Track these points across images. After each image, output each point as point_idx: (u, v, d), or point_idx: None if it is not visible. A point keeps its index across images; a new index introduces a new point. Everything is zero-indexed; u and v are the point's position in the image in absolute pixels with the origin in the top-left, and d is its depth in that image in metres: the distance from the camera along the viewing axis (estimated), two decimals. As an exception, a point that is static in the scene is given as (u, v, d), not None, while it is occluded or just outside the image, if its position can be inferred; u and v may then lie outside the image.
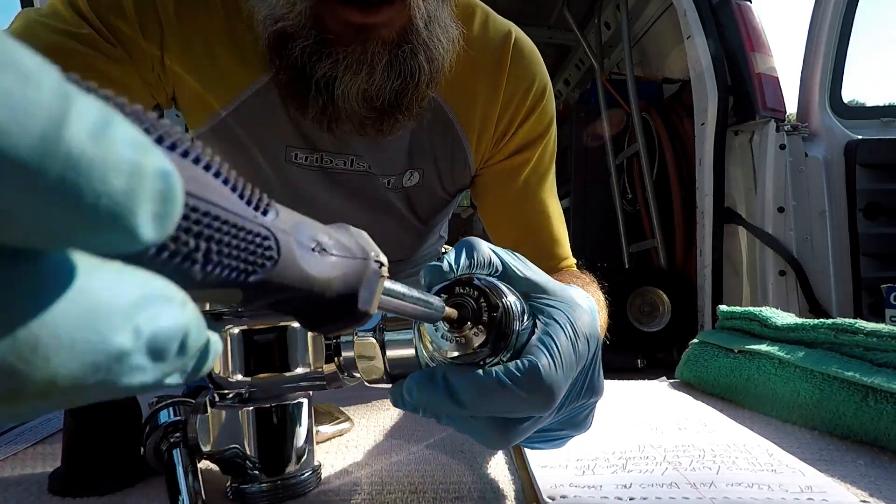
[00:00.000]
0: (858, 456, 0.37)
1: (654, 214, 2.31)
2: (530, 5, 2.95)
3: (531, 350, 0.24)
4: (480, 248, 0.26)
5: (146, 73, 0.51)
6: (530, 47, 0.62)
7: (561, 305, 0.26)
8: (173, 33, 0.51)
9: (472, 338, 0.24)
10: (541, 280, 0.27)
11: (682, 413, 0.44)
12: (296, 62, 0.46)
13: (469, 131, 0.61)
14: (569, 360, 0.24)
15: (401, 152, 0.60)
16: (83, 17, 0.48)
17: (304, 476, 0.32)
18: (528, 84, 0.61)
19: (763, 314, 0.53)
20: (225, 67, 0.53)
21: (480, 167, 0.64)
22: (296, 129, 0.56)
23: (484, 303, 0.24)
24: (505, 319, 0.24)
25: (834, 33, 1.78)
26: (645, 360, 2.21)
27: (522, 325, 0.24)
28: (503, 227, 0.65)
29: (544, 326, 0.25)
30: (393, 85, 0.47)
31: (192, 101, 0.54)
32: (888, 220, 1.75)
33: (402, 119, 0.51)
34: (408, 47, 0.47)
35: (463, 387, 0.23)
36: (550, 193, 0.65)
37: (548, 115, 0.63)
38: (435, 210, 0.68)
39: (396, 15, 0.45)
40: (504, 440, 0.25)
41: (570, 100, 3.42)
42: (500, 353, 0.24)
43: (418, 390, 0.24)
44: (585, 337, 0.26)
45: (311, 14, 0.44)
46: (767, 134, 1.77)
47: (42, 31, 0.48)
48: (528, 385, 0.23)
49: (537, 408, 0.24)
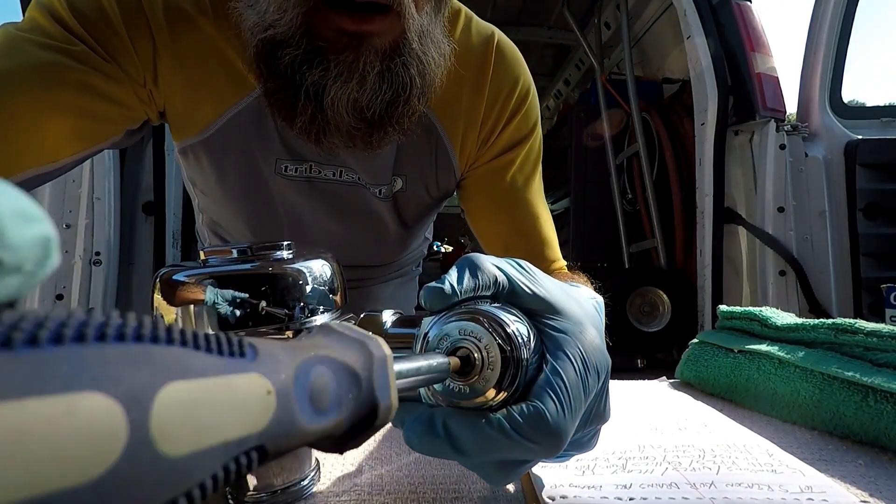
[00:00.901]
0: (858, 456, 0.37)
1: (654, 214, 2.31)
2: (530, 5, 2.95)
3: (538, 393, 0.23)
4: (484, 266, 0.25)
5: (139, 88, 0.51)
6: (512, 50, 0.62)
7: (570, 328, 0.25)
8: (165, 47, 0.50)
9: (477, 387, 0.23)
10: (548, 296, 0.25)
11: (682, 413, 0.44)
12: (285, 70, 0.44)
13: (453, 136, 0.60)
14: (577, 401, 0.23)
15: (389, 162, 0.60)
16: (71, 32, 0.46)
17: (302, 482, 0.32)
18: (511, 85, 0.61)
19: (763, 314, 0.53)
20: (215, 82, 0.52)
21: (466, 171, 0.64)
22: (285, 142, 0.56)
23: (487, 347, 0.23)
24: (511, 367, 0.22)
25: (834, 33, 1.78)
26: (645, 360, 2.21)
27: (529, 355, 0.23)
28: (492, 229, 0.64)
29: (552, 361, 0.23)
30: (384, 96, 0.46)
31: (182, 115, 0.54)
32: (888, 220, 1.75)
33: (391, 132, 0.50)
34: (400, 60, 0.46)
35: (465, 437, 0.22)
36: (538, 195, 0.65)
37: (532, 116, 0.63)
38: (420, 215, 0.68)
39: (390, 26, 0.44)
40: (507, 479, 0.25)
41: (570, 100, 3.42)
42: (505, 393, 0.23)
43: (418, 441, 0.23)
44: (595, 369, 0.25)
45: (302, 21, 0.43)
46: (767, 134, 1.77)
47: (29, 47, 0.45)
48: (534, 434, 0.22)
49: (543, 454, 0.23)
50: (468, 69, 0.58)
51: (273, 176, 0.57)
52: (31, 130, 0.44)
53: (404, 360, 0.18)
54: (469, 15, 0.61)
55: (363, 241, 0.66)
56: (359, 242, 0.65)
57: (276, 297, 0.29)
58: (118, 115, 0.50)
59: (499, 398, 0.23)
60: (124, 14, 0.48)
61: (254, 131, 0.55)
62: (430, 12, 0.48)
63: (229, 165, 0.56)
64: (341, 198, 0.61)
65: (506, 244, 0.63)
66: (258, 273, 0.29)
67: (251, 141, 0.55)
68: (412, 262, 0.83)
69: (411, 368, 0.18)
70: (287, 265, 0.30)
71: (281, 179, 0.58)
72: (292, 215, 0.60)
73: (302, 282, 0.30)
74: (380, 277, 0.75)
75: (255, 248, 0.31)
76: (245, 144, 0.55)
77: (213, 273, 0.29)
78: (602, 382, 0.26)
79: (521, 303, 0.25)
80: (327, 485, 0.33)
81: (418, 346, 0.25)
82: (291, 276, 0.30)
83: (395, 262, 0.75)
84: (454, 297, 0.24)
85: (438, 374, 0.20)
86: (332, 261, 0.33)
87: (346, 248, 0.64)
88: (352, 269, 0.67)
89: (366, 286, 0.74)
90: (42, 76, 0.45)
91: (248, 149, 0.55)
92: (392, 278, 0.78)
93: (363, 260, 0.69)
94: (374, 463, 0.36)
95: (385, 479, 0.34)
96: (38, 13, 0.47)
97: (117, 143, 0.53)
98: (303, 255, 0.32)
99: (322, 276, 0.32)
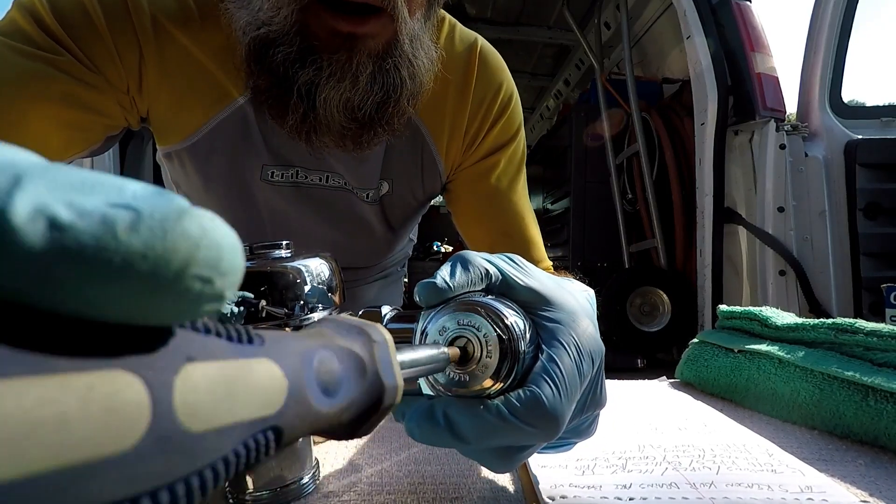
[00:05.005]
0: (858, 456, 0.37)
1: (654, 214, 2.31)
2: (530, 5, 2.95)
3: (534, 379, 0.23)
4: (475, 261, 0.25)
5: (121, 96, 0.50)
6: (495, 56, 0.63)
7: (564, 318, 0.25)
8: (151, 54, 0.49)
9: (476, 375, 0.23)
10: (541, 287, 0.26)
11: (682, 413, 0.44)
12: (277, 68, 0.45)
13: (438, 140, 0.61)
14: (573, 386, 0.24)
15: (376, 166, 0.60)
16: (55, 38, 0.45)
17: (302, 480, 0.31)
18: (495, 90, 0.62)
19: (763, 314, 0.53)
20: (200, 91, 0.52)
21: (451, 173, 0.65)
22: (271, 147, 0.56)
23: (485, 336, 0.23)
24: (509, 356, 0.23)
25: (834, 33, 1.77)
26: (645, 360, 2.21)
27: (526, 346, 0.24)
28: (478, 231, 0.65)
29: (547, 349, 0.24)
30: (375, 97, 0.47)
31: (166, 121, 0.54)
32: (888, 220, 1.75)
33: (381, 133, 0.50)
34: (392, 61, 0.46)
35: (465, 424, 0.23)
36: (522, 196, 0.66)
37: (516, 119, 0.64)
38: (406, 218, 0.69)
39: (383, 28, 0.45)
40: (509, 466, 0.25)
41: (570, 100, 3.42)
42: (503, 382, 0.23)
43: (419, 430, 0.24)
44: (590, 355, 0.25)
45: (296, 20, 0.43)
46: (767, 134, 1.77)
47: (10, 55, 0.44)
48: (531, 418, 0.22)
49: (542, 438, 0.23)
50: (453, 75, 0.59)
51: (258, 182, 0.57)
52: (12, 140, 0.43)
53: (404, 350, 0.18)
54: (453, 22, 0.62)
55: (349, 244, 0.66)
56: (345, 245, 0.66)
57: (276, 296, 0.29)
58: (100, 125, 0.50)
59: (497, 386, 0.23)
60: (109, 19, 0.47)
61: (239, 138, 0.55)
62: (421, 18, 0.48)
63: (214, 171, 0.56)
64: (328, 202, 0.61)
65: (492, 245, 0.63)
66: (257, 271, 0.29)
67: (236, 147, 0.55)
68: (397, 264, 0.84)
69: (412, 359, 0.18)
70: (286, 263, 0.30)
71: (266, 185, 0.58)
72: (277, 220, 0.61)
73: (300, 280, 0.30)
74: (365, 279, 0.76)
75: (254, 246, 0.31)
76: (230, 151, 0.55)
77: None
78: (597, 368, 0.26)
79: (515, 295, 0.25)
80: (327, 484, 0.33)
81: (417, 339, 0.25)
82: (291, 274, 0.30)
83: (380, 263, 0.76)
84: (447, 291, 0.24)
85: (438, 363, 0.20)
86: (330, 260, 0.34)
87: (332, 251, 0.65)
88: None
89: (351, 288, 0.74)
90: (25, 86, 0.44)
91: (234, 155, 0.55)
92: (377, 279, 0.79)
93: (349, 262, 0.70)
94: (374, 462, 0.36)
95: (385, 479, 0.34)
96: (19, 15, 0.45)
97: (96, 151, 0.53)
98: (301, 253, 0.32)
99: (321, 275, 0.32)
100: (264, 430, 0.12)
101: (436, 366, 0.20)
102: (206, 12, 0.50)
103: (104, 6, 0.47)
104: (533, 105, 4.12)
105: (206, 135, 0.54)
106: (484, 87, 0.61)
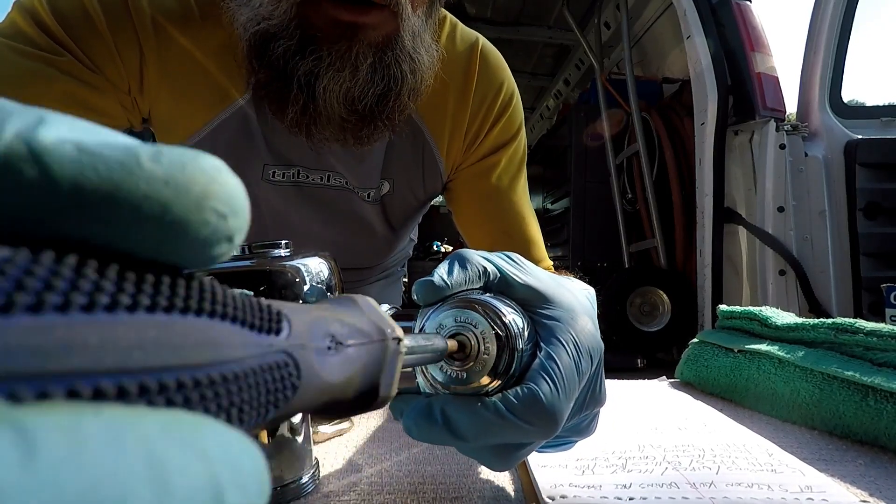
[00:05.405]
0: (858, 456, 0.37)
1: (654, 214, 2.31)
2: (530, 5, 2.95)
3: (532, 376, 0.23)
4: (473, 259, 0.25)
5: (123, 97, 0.50)
6: (496, 56, 0.63)
7: (562, 316, 0.25)
8: (152, 51, 0.49)
9: (474, 372, 0.23)
10: (540, 285, 0.25)
11: (682, 413, 0.44)
12: (277, 61, 0.44)
13: (439, 139, 0.61)
14: (571, 383, 0.23)
15: (377, 165, 0.60)
16: (55, 39, 0.45)
17: (302, 480, 0.31)
18: (496, 89, 0.62)
19: (763, 314, 0.53)
20: (202, 88, 0.52)
21: (452, 173, 0.65)
22: (272, 147, 0.56)
23: (483, 333, 0.23)
24: (507, 353, 0.23)
25: (834, 33, 1.77)
26: (645, 360, 2.20)
27: (524, 343, 0.23)
28: (478, 230, 0.65)
29: (546, 347, 0.24)
30: (376, 89, 0.46)
31: (168, 122, 0.53)
32: (888, 220, 1.75)
33: (381, 127, 0.50)
34: (392, 54, 0.46)
35: (463, 421, 0.22)
36: (523, 196, 0.66)
37: (516, 119, 0.64)
38: (407, 217, 0.69)
39: (384, 20, 0.44)
40: (507, 464, 0.25)
41: (570, 100, 3.42)
42: (501, 380, 0.23)
43: (417, 428, 0.23)
44: (588, 352, 0.25)
45: (296, 13, 0.43)
46: (767, 134, 1.76)
47: (11, 56, 0.44)
48: (529, 415, 0.22)
49: (540, 435, 0.23)
50: (454, 74, 0.59)
51: (260, 182, 0.57)
52: None
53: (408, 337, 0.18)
54: (454, 22, 0.62)
55: (350, 244, 0.66)
56: (346, 245, 0.66)
57: (274, 295, 0.29)
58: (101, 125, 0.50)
59: (495, 384, 0.23)
60: (110, 19, 0.47)
61: (240, 138, 0.55)
62: (423, 15, 0.48)
63: None
64: (329, 202, 0.61)
65: (492, 244, 0.63)
66: (256, 270, 0.29)
67: (238, 147, 0.55)
68: (397, 264, 0.84)
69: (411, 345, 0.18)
70: (285, 262, 0.30)
71: (268, 185, 0.58)
72: (279, 220, 0.61)
73: (299, 279, 0.30)
74: (366, 279, 0.76)
75: (253, 245, 0.31)
76: (231, 151, 0.55)
77: (211, 270, 0.29)
78: (596, 366, 0.26)
79: (513, 293, 0.25)
80: (327, 484, 0.33)
81: None
82: (289, 273, 0.30)
83: (380, 263, 0.76)
84: (445, 289, 0.24)
85: (435, 353, 0.20)
86: (329, 259, 0.33)
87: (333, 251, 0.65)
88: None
89: (351, 288, 0.74)
90: (26, 87, 0.44)
91: (235, 155, 0.55)
92: (377, 280, 0.79)
93: (350, 262, 0.70)
94: (374, 462, 0.36)
95: (385, 479, 0.34)
96: (19, 16, 0.45)
97: None
98: (300, 253, 0.32)
99: (320, 274, 0.32)
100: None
101: (433, 356, 0.20)
102: (206, 12, 0.50)
103: (104, 6, 0.47)
104: (533, 105, 4.12)
105: (208, 135, 0.54)
106: (485, 87, 0.61)
